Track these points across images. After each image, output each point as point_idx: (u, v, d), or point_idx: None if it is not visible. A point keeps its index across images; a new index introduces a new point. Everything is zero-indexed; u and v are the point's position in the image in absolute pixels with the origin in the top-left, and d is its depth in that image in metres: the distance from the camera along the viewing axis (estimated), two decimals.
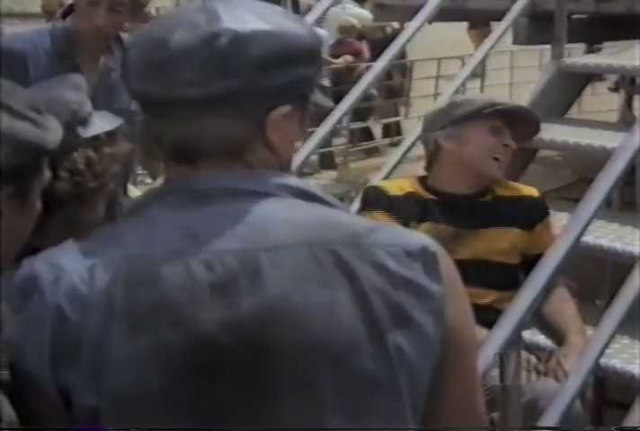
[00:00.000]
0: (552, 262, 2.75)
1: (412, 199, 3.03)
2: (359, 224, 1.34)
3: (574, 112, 6.15)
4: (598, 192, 2.92)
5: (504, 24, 4.33)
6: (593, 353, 2.67)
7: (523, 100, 4.21)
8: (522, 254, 3.05)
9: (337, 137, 9.01)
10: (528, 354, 2.85)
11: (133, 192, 3.86)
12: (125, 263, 1.24)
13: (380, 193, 3.04)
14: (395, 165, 3.90)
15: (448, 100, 3.43)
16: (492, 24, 5.29)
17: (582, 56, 5.79)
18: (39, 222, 1.37)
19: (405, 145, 4.00)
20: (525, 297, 2.67)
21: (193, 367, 1.22)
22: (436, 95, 9.71)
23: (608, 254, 3.51)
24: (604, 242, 3.50)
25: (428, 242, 1.33)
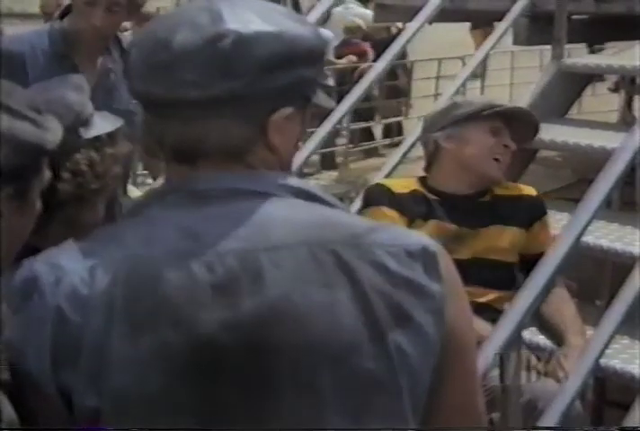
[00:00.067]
0: (552, 262, 2.75)
1: (417, 197, 3.03)
2: (359, 224, 1.34)
3: (574, 113, 6.15)
4: (598, 192, 2.92)
5: (504, 25, 4.33)
6: (593, 353, 2.67)
7: (523, 100, 4.21)
8: (520, 253, 3.05)
9: (338, 138, 9.01)
10: (528, 354, 2.85)
11: (133, 192, 3.86)
12: (125, 263, 1.24)
13: (385, 190, 3.04)
14: (395, 165, 3.90)
15: (448, 100, 3.43)
16: (495, 24, 5.28)
17: (584, 56, 5.78)
18: (39, 222, 1.37)
19: (405, 146, 4.00)
20: (525, 297, 2.66)
21: (194, 368, 1.22)
22: (436, 95, 9.70)
23: (608, 254, 3.50)
24: (604, 243, 3.50)
25: (427, 242, 1.33)
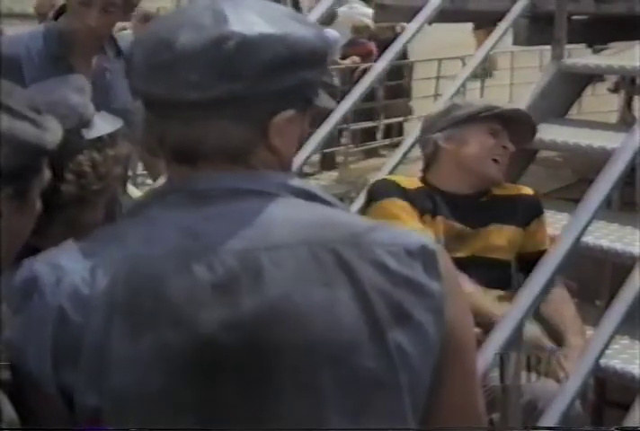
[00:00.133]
0: (552, 262, 2.75)
1: (424, 193, 3.03)
2: (359, 224, 1.34)
3: (574, 113, 6.14)
4: (598, 193, 2.92)
5: (504, 25, 4.32)
6: (593, 353, 2.67)
7: (523, 100, 4.21)
8: (518, 252, 3.07)
9: (341, 138, 9.01)
10: (528, 354, 2.85)
11: (133, 192, 3.86)
12: (125, 263, 1.24)
13: (393, 184, 3.03)
14: (395, 166, 3.90)
15: (448, 101, 3.43)
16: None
17: (586, 56, 5.78)
18: (39, 222, 1.37)
19: (405, 146, 4.00)
20: (525, 297, 2.66)
21: (194, 367, 1.23)
22: (436, 96, 9.70)
23: (608, 255, 3.50)
24: (604, 243, 3.49)
25: (427, 241, 1.33)
